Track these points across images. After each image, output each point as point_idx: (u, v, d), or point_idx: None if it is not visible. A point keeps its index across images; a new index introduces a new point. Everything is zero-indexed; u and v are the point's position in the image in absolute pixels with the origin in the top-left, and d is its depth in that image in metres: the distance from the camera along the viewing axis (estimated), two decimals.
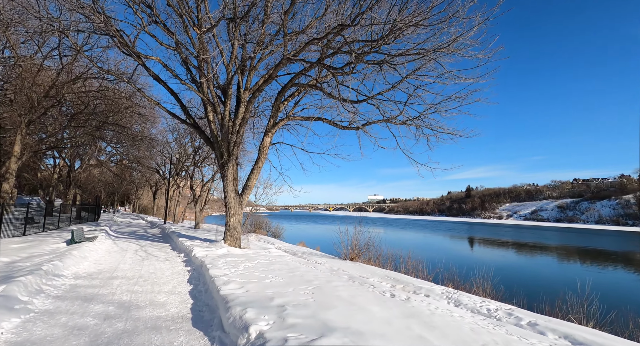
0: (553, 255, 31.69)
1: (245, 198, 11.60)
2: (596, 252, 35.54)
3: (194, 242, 11.77)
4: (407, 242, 39.22)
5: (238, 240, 11.24)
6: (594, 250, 36.80)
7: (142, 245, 13.01)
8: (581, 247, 40.33)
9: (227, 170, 11.00)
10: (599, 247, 40.15)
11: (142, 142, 23.22)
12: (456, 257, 25.66)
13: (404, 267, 14.87)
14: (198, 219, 20.14)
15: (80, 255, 9.07)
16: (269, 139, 11.51)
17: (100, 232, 15.50)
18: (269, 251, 10.76)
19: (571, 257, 30.55)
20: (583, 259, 29.41)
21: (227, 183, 11.11)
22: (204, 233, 16.19)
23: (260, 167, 11.63)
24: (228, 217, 11.20)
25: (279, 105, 11.27)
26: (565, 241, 48.71)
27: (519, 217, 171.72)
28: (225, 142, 10.80)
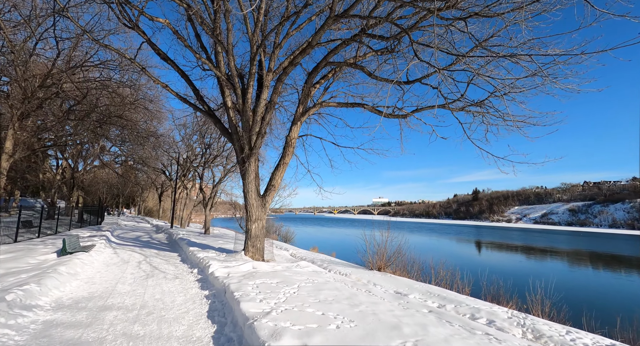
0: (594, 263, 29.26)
1: (269, 201, 9.71)
2: (637, 260, 33.04)
3: (208, 252, 9.89)
4: (423, 246, 36.93)
5: (261, 251, 9.33)
6: (632, 259, 34.26)
7: (147, 255, 11.16)
8: (616, 254, 37.73)
9: (248, 167, 9.12)
10: (634, 254, 37.54)
11: (147, 140, 21.55)
12: (483, 265, 23.48)
13: (436, 278, 13.09)
14: (208, 223, 18.34)
15: (69, 271, 7.23)
16: (297, 129, 9.63)
17: (100, 239, 13.72)
18: (298, 265, 8.83)
19: (614, 266, 28.11)
20: (630, 269, 27.03)
21: (248, 182, 9.23)
22: (217, 241, 14.31)
23: (287, 163, 9.74)
24: (249, 223, 9.30)
25: (310, 89, 9.38)
26: (591, 247, 45.98)
27: (528, 220, 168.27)
28: (246, 133, 8.92)
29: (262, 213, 9.53)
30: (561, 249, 40.12)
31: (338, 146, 10.96)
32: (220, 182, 18.59)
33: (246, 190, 9.29)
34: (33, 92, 13.75)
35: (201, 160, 22.13)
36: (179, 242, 14.20)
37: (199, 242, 13.30)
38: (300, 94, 9.48)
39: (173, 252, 12.31)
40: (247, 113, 8.83)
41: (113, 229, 21.84)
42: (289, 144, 9.55)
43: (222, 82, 8.98)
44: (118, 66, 14.80)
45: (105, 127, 19.79)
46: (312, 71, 9.22)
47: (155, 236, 19.05)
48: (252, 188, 9.32)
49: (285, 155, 9.65)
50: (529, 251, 36.76)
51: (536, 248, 39.84)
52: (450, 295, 8.82)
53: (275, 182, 9.69)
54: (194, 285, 6.77)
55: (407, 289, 9.32)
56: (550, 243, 47.91)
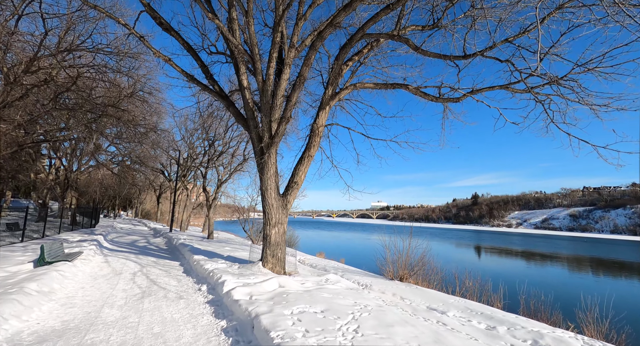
0: (624, 272, 27.70)
1: (291, 201, 8.09)
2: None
3: (217, 262, 8.23)
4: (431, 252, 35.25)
5: (282, 261, 7.70)
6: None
7: (143, 265, 9.49)
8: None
9: (267, 159, 7.52)
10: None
11: (145, 136, 19.95)
12: (504, 273, 21.92)
13: (460, 288, 11.61)
14: (211, 227, 16.65)
15: (41, 288, 5.58)
16: (325, 116, 8.05)
17: (90, 244, 12.04)
18: (328, 280, 7.19)
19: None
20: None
21: (267, 178, 7.63)
22: (223, 247, 12.63)
23: (312, 156, 8.14)
24: (267, 228, 7.67)
25: (341, 67, 7.82)
26: (608, 254, 44.41)
27: (529, 225, 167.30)
28: (266, 117, 7.34)
29: (283, 215, 7.91)
30: (580, 256, 38.48)
31: (368, 137, 9.39)
32: (225, 181, 16.99)
33: (264, 187, 7.68)
34: (16, 77, 12.14)
35: (204, 158, 20.50)
36: (180, 248, 12.53)
37: (203, 248, 11.63)
38: (330, 73, 7.91)
39: (174, 260, 10.65)
40: (267, 93, 7.24)
41: (107, 232, 20.14)
42: (315, 133, 7.96)
43: (237, 57, 7.40)
44: (114, 51, 13.22)
45: (100, 122, 18.20)
46: (344, 45, 7.67)
47: (153, 241, 17.35)
48: (272, 185, 7.71)
49: (310, 146, 8.05)
50: (547, 258, 35.17)
51: (552, 256, 38.25)
52: (497, 314, 7.36)
53: (298, 178, 8.09)
54: (205, 309, 5.12)
55: (441, 304, 7.81)
56: (562, 250, 46.40)
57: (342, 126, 9.20)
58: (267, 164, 7.61)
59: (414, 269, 12.52)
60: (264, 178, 7.67)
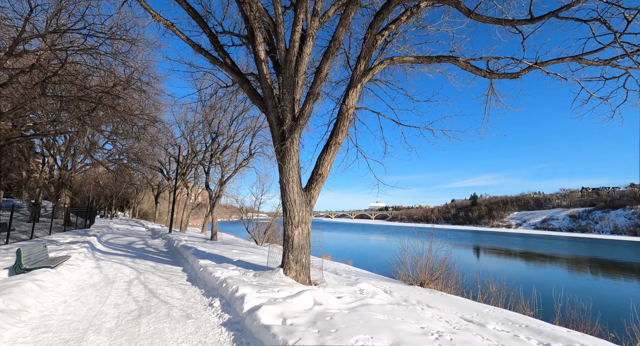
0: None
1: (316, 196, 6.85)
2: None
3: (228, 269, 6.96)
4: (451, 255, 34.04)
5: (307, 268, 6.44)
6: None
7: (140, 271, 8.21)
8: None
9: (289, 145, 6.27)
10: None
11: (143, 131, 18.68)
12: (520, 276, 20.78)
13: (483, 293, 10.54)
14: (215, 228, 15.31)
15: (7, 306, 4.29)
16: (355, 96, 6.81)
17: (81, 246, 10.74)
18: (362, 290, 5.96)
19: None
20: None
21: (289, 169, 6.38)
22: (230, 250, 11.34)
23: (340, 143, 6.90)
24: (289, 228, 6.42)
25: (375, 38, 6.59)
26: (621, 256, 43.39)
27: (528, 225, 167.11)
28: (289, 93, 6.09)
29: (307, 213, 6.66)
30: (599, 259, 37.28)
31: (400, 124, 8.15)
32: (229, 177, 15.71)
33: (285, 180, 6.43)
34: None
35: (205, 154, 19.21)
36: (182, 250, 11.24)
37: (208, 251, 10.35)
38: (362, 45, 6.66)
39: (175, 264, 9.37)
40: (291, 65, 5.99)
41: (102, 233, 18.83)
42: (344, 116, 6.71)
43: (253, 22, 6.14)
44: (108, 34, 11.92)
45: (96, 116, 16.92)
46: (379, 11, 6.45)
47: (151, 242, 16.04)
48: (294, 177, 6.46)
49: (337, 131, 6.81)
50: (563, 261, 34.05)
51: (567, 258, 37.15)
52: (544, 327, 6.30)
53: (323, 170, 6.84)
54: (223, 336, 3.85)
55: (475, 315, 6.77)
56: (574, 252, 45.39)
57: (371, 110, 7.97)
58: (289, 152, 6.36)
59: (435, 274, 11.42)
60: (284, 168, 6.41)
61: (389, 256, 19.34)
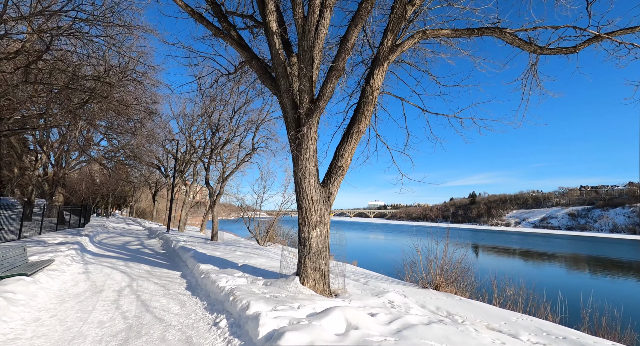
0: None
1: (334, 192, 5.92)
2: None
3: (233, 275, 6.03)
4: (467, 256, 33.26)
5: (326, 276, 5.52)
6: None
7: (134, 277, 7.27)
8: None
9: (307, 132, 5.34)
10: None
11: (140, 124, 17.66)
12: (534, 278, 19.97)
13: (499, 297, 9.76)
14: (216, 227, 14.34)
15: None
16: (382, 76, 5.86)
17: (69, 248, 9.77)
18: (392, 303, 5.05)
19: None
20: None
21: (305, 161, 5.45)
22: (233, 252, 10.38)
23: (363, 131, 5.96)
24: (305, 230, 5.50)
25: (405, 8, 5.64)
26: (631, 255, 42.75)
27: (527, 224, 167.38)
28: (307, 70, 5.15)
29: (326, 211, 5.73)
30: (613, 259, 36.51)
31: (425, 111, 7.23)
32: (232, 173, 14.73)
33: (301, 173, 5.50)
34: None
35: (204, 150, 18.21)
36: (180, 252, 10.30)
37: (209, 253, 9.41)
38: (390, 17, 5.72)
39: (173, 268, 8.43)
40: (309, 36, 5.03)
41: (96, 233, 17.86)
42: (369, 100, 5.77)
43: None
44: (99, 16, 10.89)
45: (89, 109, 15.89)
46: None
47: (147, 242, 15.09)
48: (311, 170, 5.53)
49: (359, 118, 5.86)
50: (577, 261, 33.31)
51: (577, 257, 36.42)
52: (584, 339, 5.52)
53: (343, 162, 5.90)
54: None
55: (503, 323, 6.09)
56: (578, 250, 44.75)
57: (395, 96, 7.04)
58: (306, 140, 5.42)
59: (451, 277, 10.60)
60: (300, 160, 5.48)
61: (392, 256, 18.44)
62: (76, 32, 10.94)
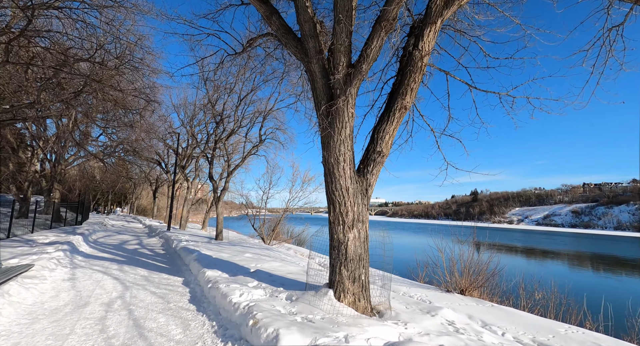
0: None
1: (373, 183, 4.77)
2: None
3: (248, 286, 4.90)
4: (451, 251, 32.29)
5: (367, 288, 4.38)
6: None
7: (128, 284, 6.15)
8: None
9: (343, 106, 4.18)
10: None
11: (139, 116, 16.53)
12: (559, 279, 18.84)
13: (527, 301, 8.69)
14: (221, 225, 13.19)
15: None
16: (433, 38, 4.68)
17: (57, 248, 8.67)
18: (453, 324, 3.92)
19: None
20: None
21: (339, 143, 4.30)
22: (242, 253, 9.23)
23: (408, 106, 4.78)
24: (339, 230, 4.35)
25: None
26: None
27: (530, 221, 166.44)
28: (345, 24, 3.98)
29: (365, 208, 4.58)
30: (632, 259, 35.32)
31: (474, 88, 6.04)
32: (236, 168, 13.56)
33: (334, 158, 4.34)
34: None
35: (207, 144, 17.07)
36: (182, 254, 9.18)
37: (215, 255, 8.28)
38: None
39: (174, 273, 7.31)
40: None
41: (92, 231, 16.80)
42: (416, 68, 4.59)
43: None
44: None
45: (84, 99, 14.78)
46: None
47: (146, 242, 13.99)
48: (347, 154, 4.38)
49: (404, 91, 4.68)
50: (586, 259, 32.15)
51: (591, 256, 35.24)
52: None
53: (384, 146, 4.74)
54: None
55: (551, 336, 5.19)
56: (589, 249, 43.59)
57: (438, 68, 5.85)
58: (341, 116, 4.25)
59: (478, 280, 9.53)
60: (333, 141, 4.32)
61: (400, 255, 17.10)
62: (64, 7, 9.73)
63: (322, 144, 4.62)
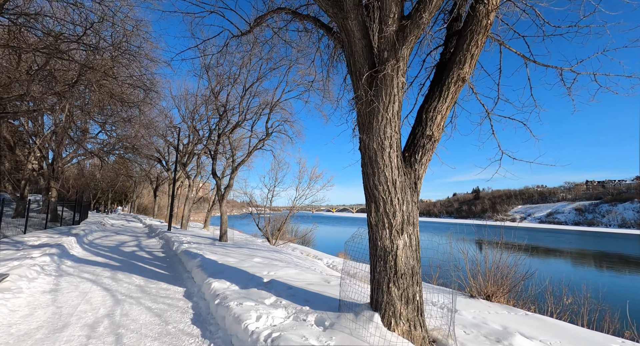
0: None
1: (422, 175, 3.78)
2: None
3: (265, 304, 3.93)
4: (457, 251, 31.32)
5: (421, 310, 3.40)
6: None
7: (120, 298, 5.19)
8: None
9: (392, 72, 3.18)
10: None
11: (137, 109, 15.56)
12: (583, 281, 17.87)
13: (555, 307, 7.70)
14: (225, 225, 12.19)
15: None
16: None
17: (43, 253, 7.71)
18: None
19: None
20: None
21: (384, 123, 3.31)
22: (251, 258, 8.22)
23: (467, 77, 3.78)
24: (385, 236, 3.36)
25: None
26: None
27: (533, 219, 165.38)
28: None
29: (414, 206, 3.58)
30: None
31: (531, 61, 5.02)
32: (242, 163, 12.54)
33: (377, 142, 3.35)
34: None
35: (210, 138, 16.07)
36: (183, 258, 8.21)
37: (221, 260, 7.30)
38: None
39: (174, 282, 6.35)
40: None
41: (89, 231, 15.87)
42: (480, 26, 3.58)
43: None
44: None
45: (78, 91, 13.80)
46: None
47: (146, 243, 13.04)
48: (393, 137, 3.39)
49: (462, 58, 3.66)
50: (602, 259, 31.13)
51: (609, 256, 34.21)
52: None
53: (435, 128, 3.74)
54: None
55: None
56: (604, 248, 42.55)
57: (492, 36, 4.83)
58: (389, 86, 3.25)
59: (505, 284, 8.50)
60: (377, 120, 3.32)
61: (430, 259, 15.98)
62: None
63: (359, 125, 3.62)
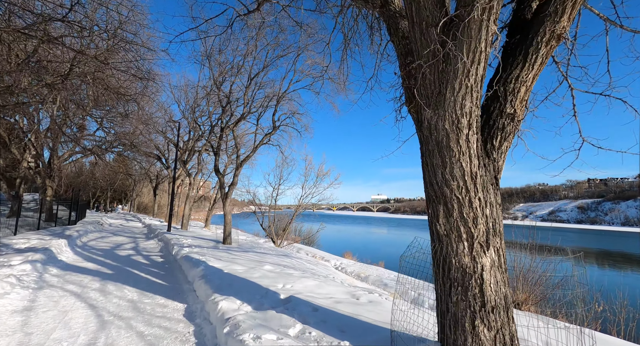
0: None
1: (502, 165, 2.82)
2: None
3: (291, 337, 3.00)
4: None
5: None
6: None
7: (106, 318, 4.25)
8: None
9: (480, 19, 2.21)
10: None
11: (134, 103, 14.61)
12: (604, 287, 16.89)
13: (586, 314, 6.44)
14: (229, 226, 11.22)
15: None
16: None
17: (25, 259, 6.76)
18: None
19: None
20: None
21: (462, 93, 2.34)
22: (261, 265, 7.23)
23: (563, 34, 2.80)
24: (463, 251, 2.41)
25: None
26: None
27: (535, 217, 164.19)
28: None
29: (499, 209, 2.62)
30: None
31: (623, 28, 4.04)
32: (247, 159, 11.54)
33: (451, 119, 2.39)
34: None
35: (213, 132, 15.09)
36: (184, 266, 7.25)
37: (227, 269, 6.34)
38: None
39: (173, 296, 5.40)
40: None
41: (84, 233, 14.97)
42: None
43: None
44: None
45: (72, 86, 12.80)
46: None
47: (143, 245, 12.10)
48: (472, 114, 2.42)
49: (561, 8, 2.69)
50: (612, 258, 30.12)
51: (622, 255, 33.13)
52: None
53: (517, 104, 2.78)
54: None
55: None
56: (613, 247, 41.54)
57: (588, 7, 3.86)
58: (476, 38, 2.28)
59: (536, 292, 7.61)
60: (453, 88, 2.36)
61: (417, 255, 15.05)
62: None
63: (422, 99, 2.64)
